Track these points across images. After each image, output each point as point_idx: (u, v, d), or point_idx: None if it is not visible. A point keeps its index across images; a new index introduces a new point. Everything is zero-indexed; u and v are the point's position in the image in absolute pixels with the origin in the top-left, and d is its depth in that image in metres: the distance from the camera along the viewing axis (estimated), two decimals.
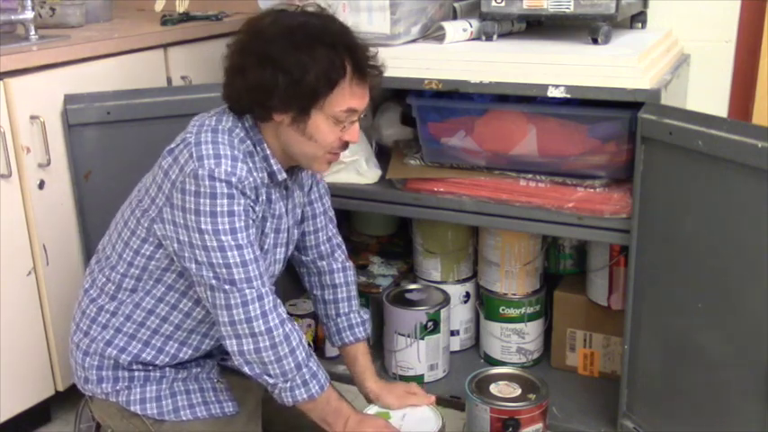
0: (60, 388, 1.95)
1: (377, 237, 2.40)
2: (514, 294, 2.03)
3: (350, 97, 1.35)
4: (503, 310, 2.04)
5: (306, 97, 1.32)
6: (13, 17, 1.97)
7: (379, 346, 2.14)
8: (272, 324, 1.34)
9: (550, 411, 1.74)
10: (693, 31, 1.98)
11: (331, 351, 2.15)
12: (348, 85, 1.34)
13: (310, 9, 1.39)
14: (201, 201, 1.30)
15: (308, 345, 1.42)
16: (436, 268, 2.12)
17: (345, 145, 1.42)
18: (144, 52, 2.06)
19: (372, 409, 1.55)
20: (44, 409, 1.99)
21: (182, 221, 1.33)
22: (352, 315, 1.65)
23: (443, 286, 2.09)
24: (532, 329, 2.06)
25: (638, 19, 1.98)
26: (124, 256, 1.43)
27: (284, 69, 1.30)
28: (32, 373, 1.89)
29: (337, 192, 1.90)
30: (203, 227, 1.31)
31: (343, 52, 1.33)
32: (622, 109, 1.63)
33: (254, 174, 1.37)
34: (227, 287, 1.32)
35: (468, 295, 2.14)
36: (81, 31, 2.16)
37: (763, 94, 1.90)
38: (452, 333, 2.11)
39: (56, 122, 1.83)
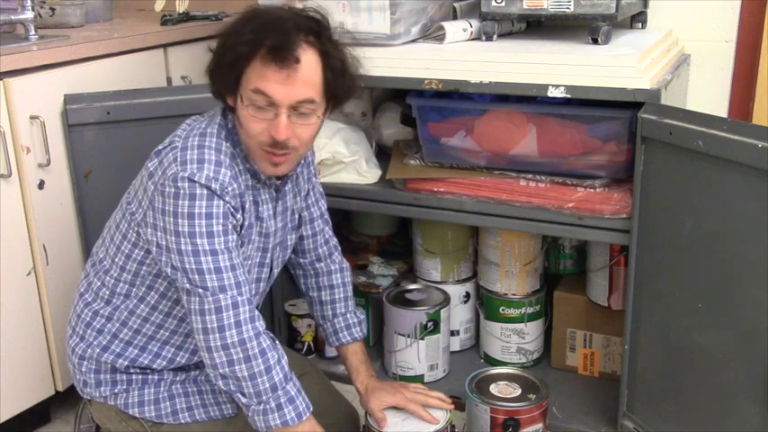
0: (60, 388, 1.95)
1: (377, 237, 2.40)
2: (514, 294, 2.03)
3: (258, 78, 1.27)
4: (503, 310, 2.04)
5: (227, 73, 1.31)
6: (13, 17, 1.97)
7: (379, 346, 2.14)
8: (245, 336, 1.29)
9: (550, 411, 1.74)
10: (693, 31, 1.98)
11: (331, 351, 2.15)
12: (260, 64, 1.27)
13: (307, 8, 1.35)
14: (180, 202, 1.28)
15: (291, 370, 1.35)
16: (436, 268, 2.12)
17: (276, 143, 1.31)
18: (144, 52, 2.06)
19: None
20: (44, 410, 1.99)
21: (160, 224, 1.31)
22: (348, 315, 1.66)
23: (443, 286, 2.09)
24: (532, 329, 2.05)
25: (638, 19, 1.98)
26: (116, 260, 1.42)
27: (218, 45, 1.32)
28: (32, 374, 1.89)
29: (337, 192, 1.90)
30: (180, 229, 1.28)
31: (268, 31, 1.27)
32: (622, 109, 1.63)
33: (239, 179, 1.34)
34: (200, 291, 1.29)
35: (468, 295, 2.14)
36: (81, 31, 2.16)
37: (763, 94, 1.90)
38: (452, 333, 2.11)
39: (56, 122, 1.83)
